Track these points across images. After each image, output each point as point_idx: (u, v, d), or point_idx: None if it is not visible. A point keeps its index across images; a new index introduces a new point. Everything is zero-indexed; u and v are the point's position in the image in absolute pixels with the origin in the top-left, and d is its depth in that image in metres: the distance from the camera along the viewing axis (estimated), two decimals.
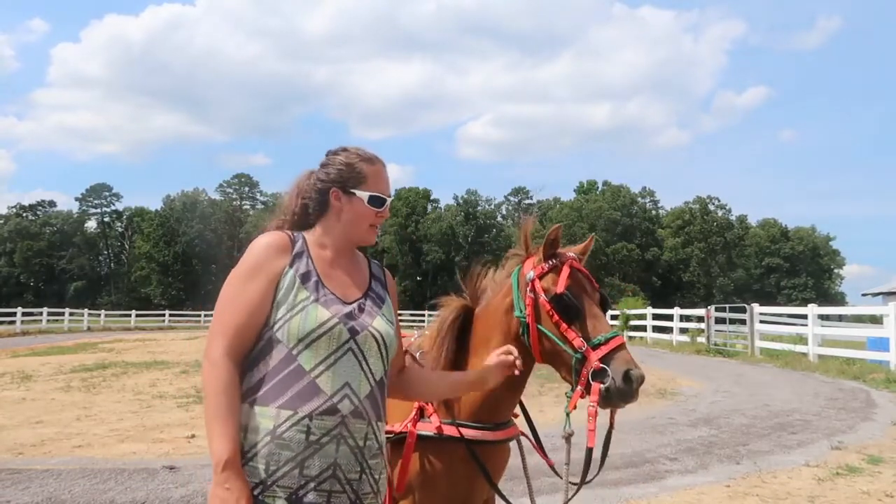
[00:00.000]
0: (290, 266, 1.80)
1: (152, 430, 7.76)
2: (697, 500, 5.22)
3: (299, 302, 1.75)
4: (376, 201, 1.88)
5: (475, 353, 2.25)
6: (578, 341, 2.00)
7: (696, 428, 8.04)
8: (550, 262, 2.16)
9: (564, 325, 2.03)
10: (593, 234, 2.42)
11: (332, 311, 1.76)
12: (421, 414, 2.26)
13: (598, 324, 2.03)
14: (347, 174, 1.90)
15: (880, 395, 10.72)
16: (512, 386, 2.21)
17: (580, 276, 2.13)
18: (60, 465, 6.01)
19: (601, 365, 1.94)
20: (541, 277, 2.14)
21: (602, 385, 1.93)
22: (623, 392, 1.93)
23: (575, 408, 2.07)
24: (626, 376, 1.92)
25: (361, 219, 1.89)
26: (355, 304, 1.84)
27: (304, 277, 1.79)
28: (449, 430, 2.19)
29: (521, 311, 2.15)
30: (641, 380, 1.94)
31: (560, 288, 2.06)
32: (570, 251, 2.23)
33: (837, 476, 5.80)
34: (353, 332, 1.77)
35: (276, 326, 1.74)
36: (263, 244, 1.82)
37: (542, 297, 2.09)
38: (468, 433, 2.17)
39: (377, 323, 1.84)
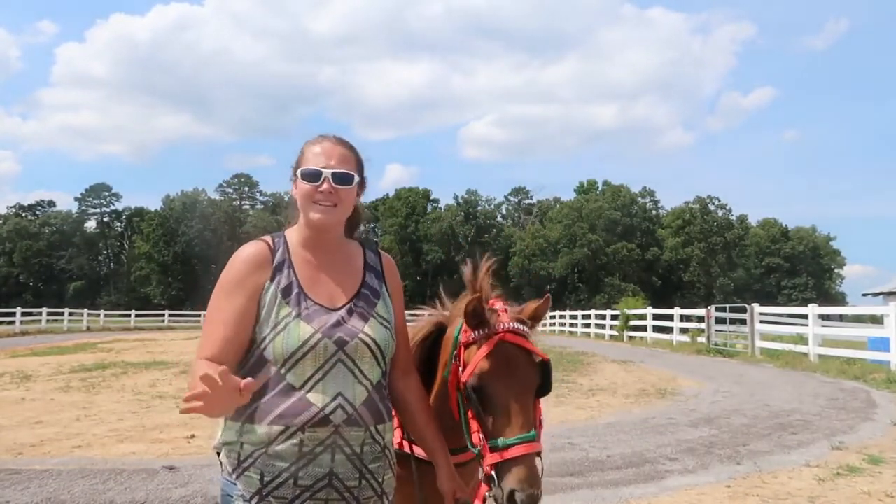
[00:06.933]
0: (271, 280, 1.76)
1: (152, 431, 7.74)
2: (698, 501, 5.21)
3: (282, 320, 1.72)
4: (308, 175, 1.79)
5: (440, 374, 2.06)
6: (477, 437, 1.75)
7: (697, 428, 8.02)
8: (478, 332, 1.85)
9: (471, 412, 1.78)
10: (548, 294, 2.05)
11: (315, 325, 1.72)
12: None
13: (508, 423, 1.72)
14: (297, 160, 1.86)
15: (881, 395, 10.70)
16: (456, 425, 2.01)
17: (510, 354, 1.79)
18: (60, 466, 5.99)
19: (491, 472, 1.70)
20: (466, 346, 1.86)
21: (487, 492, 1.73)
22: None
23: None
24: (511, 497, 1.64)
25: (303, 198, 1.80)
26: (344, 309, 1.78)
27: (286, 291, 1.76)
28: (409, 447, 2.06)
29: (447, 371, 1.94)
30: (532, 501, 1.64)
31: (465, 376, 1.79)
32: (513, 317, 1.87)
33: (838, 476, 5.78)
34: (342, 344, 1.72)
35: (264, 345, 1.72)
36: (242, 259, 1.80)
37: (461, 371, 1.83)
38: (419, 451, 2.03)
39: (369, 327, 1.78)
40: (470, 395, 1.77)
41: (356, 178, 1.84)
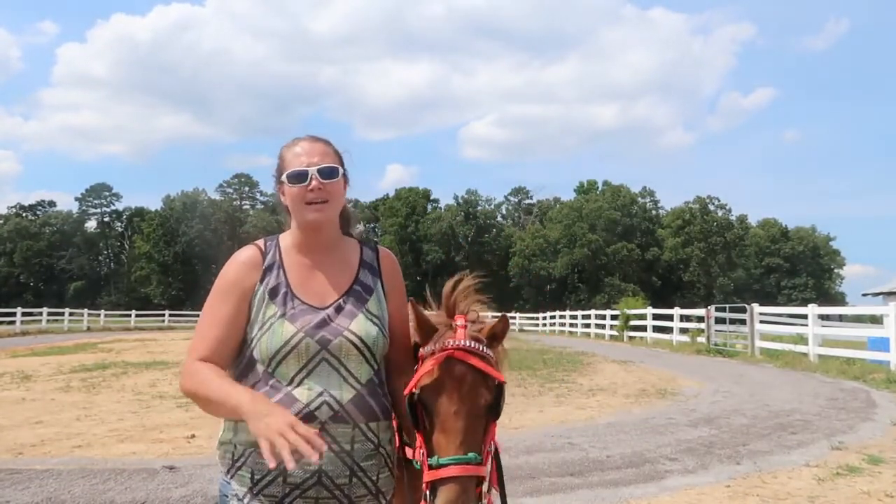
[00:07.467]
0: (261, 282, 1.79)
1: (152, 431, 7.75)
2: (698, 501, 5.21)
3: (268, 319, 1.75)
4: (294, 177, 1.79)
5: None
6: (418, 453, 1.70)
7: (697, 428, 8.02)
8: (430, 347, 1.78)
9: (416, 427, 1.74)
10: (505, 314, 1.90)
11: (298, 324, 1.73)
12: None
13: (444, 442, 1.64)
14: (278, 166, 1.87)
15: (881, 395, 10.71)
16: None
17: (456, 371, 1.69)
18: (60, 466, 6.00)
19: (426, 490, 1.64)
20: (422, 360, 1.80)
21: None
22: None
23: None
24: None
25: (294, 201, 1.80)
26: (332, 307, 1.78)
27: (273, 292, 1.78)
28: (402, 449, 2.01)
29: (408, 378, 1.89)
30: None
31: (408, 389, 1.73)
32: (469, 335, 1.76)
33: (838, 476, 5.79)
34: (324, 343, 1.72)
35: (252, 345, 1.75)
36: (235, 263, 1.83)
37: None
38: (409, 452, 1.97)
39: (356, 325, 1.77)
40: (416, 406, 1.71)
41: (341, 171, 1.85)
